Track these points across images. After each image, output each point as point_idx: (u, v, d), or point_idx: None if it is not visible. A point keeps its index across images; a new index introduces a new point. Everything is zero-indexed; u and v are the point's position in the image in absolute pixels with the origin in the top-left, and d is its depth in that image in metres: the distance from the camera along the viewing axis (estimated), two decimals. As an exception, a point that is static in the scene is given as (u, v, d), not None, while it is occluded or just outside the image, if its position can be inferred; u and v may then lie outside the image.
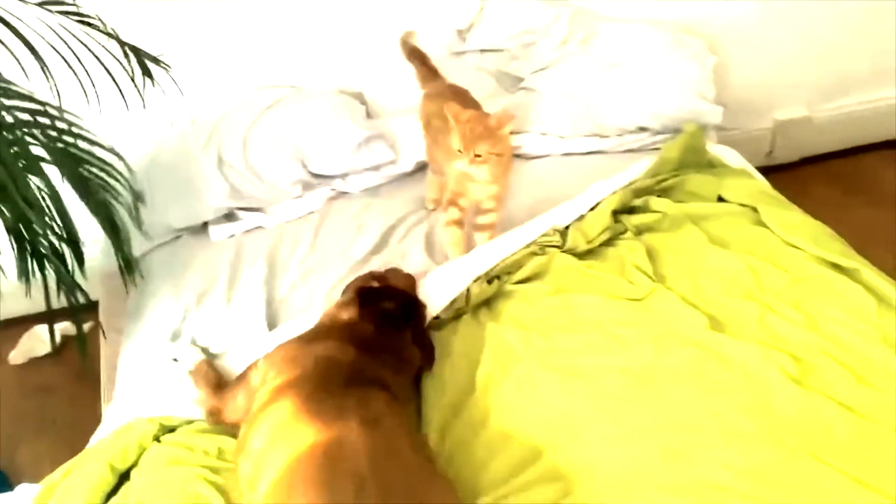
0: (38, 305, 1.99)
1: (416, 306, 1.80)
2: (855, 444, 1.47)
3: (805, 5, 2.81)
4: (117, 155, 1.84)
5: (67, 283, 1.89)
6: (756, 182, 2.21)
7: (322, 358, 1.54)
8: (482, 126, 1.92)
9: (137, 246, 2.21)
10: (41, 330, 2.63)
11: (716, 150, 2.33)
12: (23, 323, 2.64)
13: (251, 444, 1.42)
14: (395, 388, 1.54)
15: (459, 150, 1.92)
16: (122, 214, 1.94)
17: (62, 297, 1.91)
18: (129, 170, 1.89)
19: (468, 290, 1.87)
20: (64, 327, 2.52)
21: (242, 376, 1.64)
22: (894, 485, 1.39)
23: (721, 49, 2.73)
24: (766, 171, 2.34)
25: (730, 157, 2.33)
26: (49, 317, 1.96)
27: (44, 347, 2.62)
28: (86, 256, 1.98)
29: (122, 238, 1.89)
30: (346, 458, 1.31)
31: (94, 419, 1.92)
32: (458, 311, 1.85)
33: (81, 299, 1.94)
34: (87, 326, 2.16)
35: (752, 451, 1.47)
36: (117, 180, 1.88)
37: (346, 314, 1.69)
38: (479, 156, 1.91)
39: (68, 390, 2.37)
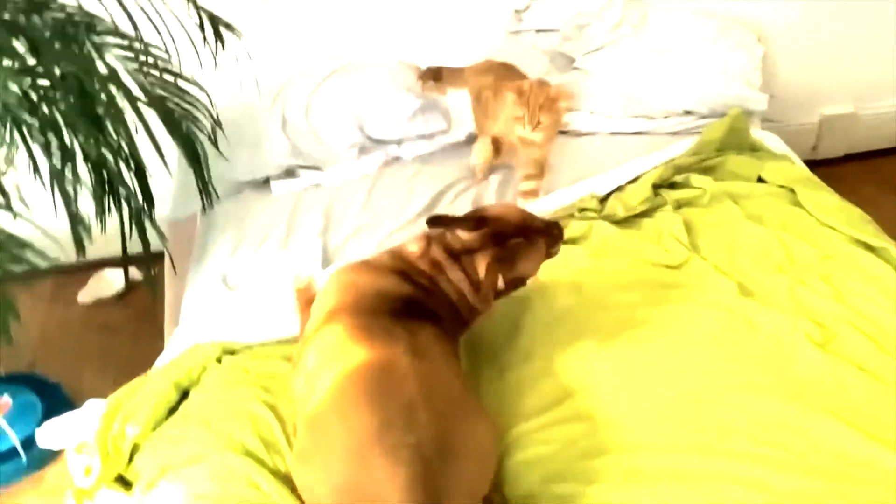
0: (106, 251, 2.15)
1: (496, 240, 1.62)
2: (872, 405, 1.55)
3: (855, 2, 2.87)
4: (200, 87, 1.98)
5: (140, 220, 2.05)
6: (796, 167, 2.29)
7: (377, 291, 1.58)
8: (544, 95, 2.08)
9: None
10: (109, 274, 2.80)
11: (758, 135, 2.41)
12: (92, 267, 2.81)
13: (305, 363, 1.52)
14: (447, 325, 1.60)
15: (521, 118, 2.07)
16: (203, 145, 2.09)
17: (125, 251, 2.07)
18: (211, 102, 2.04)
19: None
20: (131, 273, 2.70)
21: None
22: (907, 441, 1.48)
23: (770, 43, 2.81)
24: (810, 165, 2.38)
25: (772, 142, 2.41)
26: (124, 258, 2.10)
27: (110, 290, 2.79)
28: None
29: (202, 166, 2.04)
30: (396, 381, 1.37)
31: (155, 355, 2.04)
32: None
33: (154, 237, 2.10)
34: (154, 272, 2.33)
35: (772, 403, 1.56)
36: (202, 112, 2.03)
37: (415, 246, 1.66)
38: (540, 122, 2.07)
39: (131, 330, 2.53)
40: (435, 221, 1.62)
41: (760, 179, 2.21)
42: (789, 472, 1.43)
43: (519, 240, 1.63)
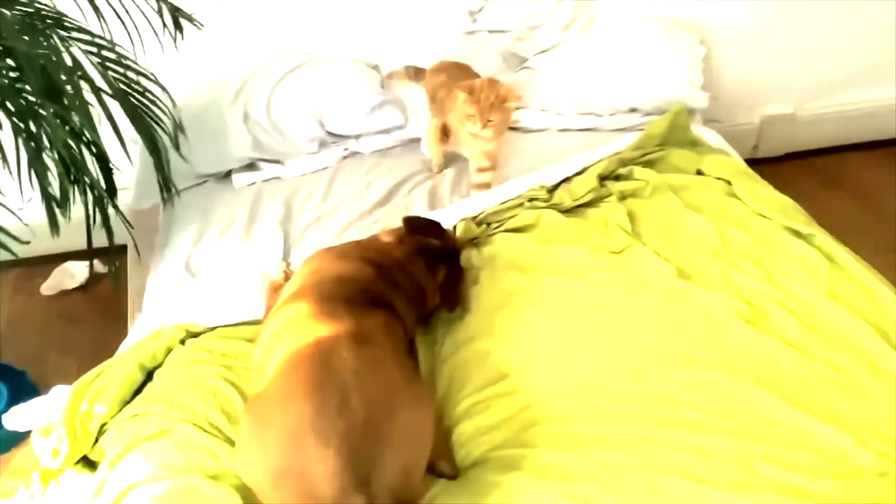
0: (69, 244, 2.21)
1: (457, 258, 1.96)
2: (795, 375, 1.67)
3: (794, 7, 3.02)
4: (161, 86, 2.06)
5: (104, 209, 2.11)
6: (733, 160, 2.42)
7: (338, 275, 1.71)
8: (494, 95, 2.20)
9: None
10: (72, 266, 2.86)
11: (698, 130, 2.54)
12: (55, 260, 2.88)
13: (264, 335, 1.63)
14: (401, 312, 1.71)
15: (472, 116, 2.19)
16: (164, 140, 2.16)
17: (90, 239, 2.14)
18: (172, 101, 2.11)
19: (455, 227, 2.10)
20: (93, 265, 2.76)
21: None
22: (825, 407, 1.60)
23: (713, 45, 2.95)
24: (751, 163, 2.47)
25: (711, 137, 2.54)
26: (89, 245, 2.17)
27: (73, 281, 2.85)
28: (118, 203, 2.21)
29: (162, 159, 2.11)
30: (334, 369, 1.45)
31: (118, 343, 2.10)
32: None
33: (117, 226, 2.17)
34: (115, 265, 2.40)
35: (705, 373, 1.68)
36: (161, 109, 2.10)
37: (388, 238, 1.86)
38: (490, 121, 2.19)
39: (94, 320, 2.59)
40: (411, 223, 1.88)
41: (700, 172, 2.34)
42: (718, 434, 1.55)
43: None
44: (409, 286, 1.78)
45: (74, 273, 2.85)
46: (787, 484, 1.46)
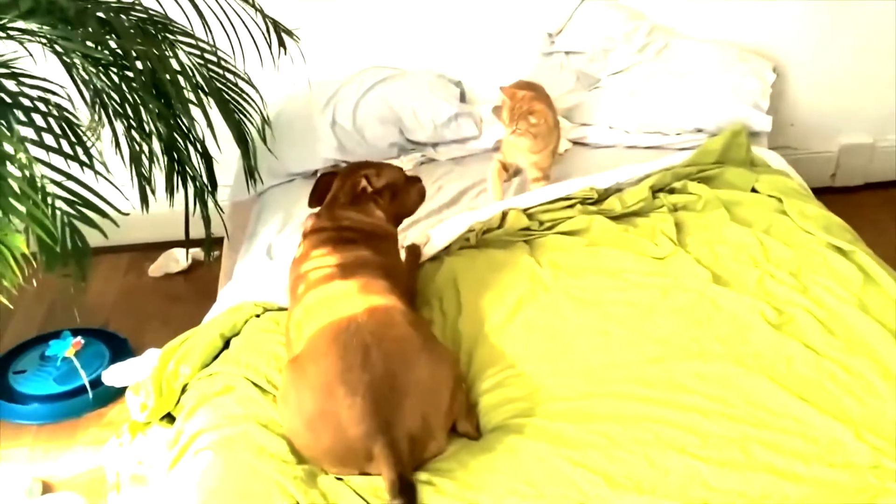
0: (177, 233, 2.50)
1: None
2: (807, 374, 1.78)
3: (872, 38, 3.09)
4: (253, 86, 2.32)
5: (204, 199, 2.39)
6: (788, 180, 2.49)
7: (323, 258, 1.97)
8: (526, 107, 2.40)
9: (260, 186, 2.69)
10: (177, 252, 3.17)
11: (761, 152, 2.64)
12: (165, 247, 3.22)
13: (305, 299, 1.88)
14: (384, 264, 1.95)
15: (504, 120, 2.43)
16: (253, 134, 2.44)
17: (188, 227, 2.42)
18: (262, 99, 2.38)
19: (504, 214, 2.29)
20: (194, 252, 3.06)
21: None
22: (830, 403, 1.70)
23: (789, 73, 3.06)
24: (829, 191, 2.57)
25: (773, 159, 2.63)
26: (186, 231, 2.44)
27: (177, 266, 3.17)
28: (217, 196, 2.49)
29: (249, 151, 2.37)
30: (354, 331, 1.70)
31: (210, 320, 2.35)
32: (489, 230, 2.27)
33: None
34: (213, 255, 2.70)
35: (718, 365, 1.80)
36: (252, 105, 2.36)
37: (311, 220, 2.12)
38: (517, 129, 2.39)
39: (191, 300, 2.85)
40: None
41: (754, 190, 2.43)
42: (718, 418, 1.67)
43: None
44: (360, 235, 2.01)
45: (178, 258, 3.16)
46: (780, 467, 1.56)
